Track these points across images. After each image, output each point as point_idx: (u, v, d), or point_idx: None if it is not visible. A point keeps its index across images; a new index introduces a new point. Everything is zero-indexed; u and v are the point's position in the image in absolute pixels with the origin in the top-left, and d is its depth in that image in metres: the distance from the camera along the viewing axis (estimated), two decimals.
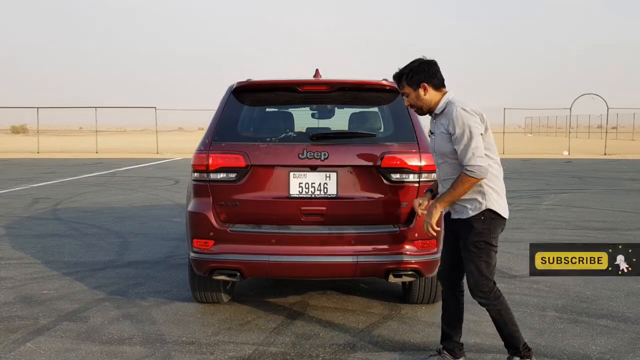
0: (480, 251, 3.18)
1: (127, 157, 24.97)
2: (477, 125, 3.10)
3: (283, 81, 4.40)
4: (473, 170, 3.08)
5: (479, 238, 3.17)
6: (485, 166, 3.09)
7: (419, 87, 3.24)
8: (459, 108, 3.11)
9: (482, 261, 3.18)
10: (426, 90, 3.24)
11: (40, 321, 4.26)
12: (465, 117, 3.09)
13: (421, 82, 3.23)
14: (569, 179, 15.18)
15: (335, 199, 3.97)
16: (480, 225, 3.17)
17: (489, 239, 3.18)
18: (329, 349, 3.76)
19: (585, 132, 50.64)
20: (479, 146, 3.08)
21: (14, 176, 15.95)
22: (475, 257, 3.19)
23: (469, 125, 3.08)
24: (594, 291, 5.00)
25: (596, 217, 9.01)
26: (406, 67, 3.28)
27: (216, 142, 4.06)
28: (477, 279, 3.19)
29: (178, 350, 3.73)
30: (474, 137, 3.08)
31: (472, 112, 3.11)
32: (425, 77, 3.22)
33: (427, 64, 3.25)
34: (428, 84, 3.23)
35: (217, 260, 3.97)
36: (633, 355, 3.66)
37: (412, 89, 3.26)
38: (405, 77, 3.26)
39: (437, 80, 3.24)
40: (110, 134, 54.19)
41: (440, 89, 3.26)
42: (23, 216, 9.08)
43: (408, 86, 3.27)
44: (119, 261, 6.13)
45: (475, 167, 3.07)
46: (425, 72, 3.23)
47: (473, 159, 3.07)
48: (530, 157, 24.90)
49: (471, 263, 3.22)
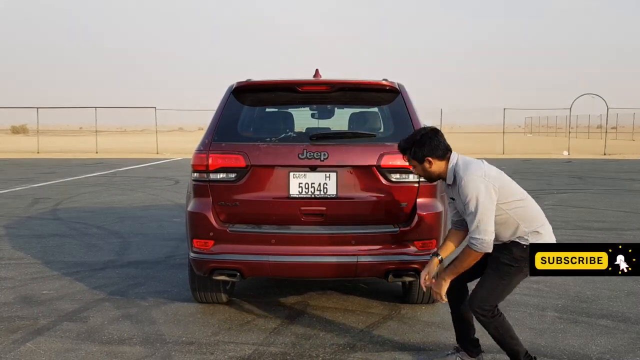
0: (506, 275, 3.17)
1: (127, 157, 24.97)
2: (484, 193, 3.07)
3: (283, 81, 4.40)
4: (475, 243, 3.09)
5: (513, 263, 3.16)
6: (488, 240, 3.08)
7: (424, 161, 3.25)
8: (465, 178, 3.10)
9: (502, 284, 3.17)
10: (431, 163, 3.25)
11: (40, 321, 4.26)
12: (472, 187, 3.07)
13: (425, 157, 3.23)
14: (569, 179, 15.19)
15: (335, 199, 3.97)
16: (519, 253, 3.16)
17: (522, 267, 3.15)
18: (329, 349, 3.76)
19: (585, 132, 50.62)
20: (483, 219, 3.06)
21: (14, 176, 15.95)
22: (498, 278, 3.18)
23: (476, 196, 3.06)
24: (594, 291, 5.00)
25: (596, 217, 9.01)
26: (409, 141, 3.28)
27: (216, 142, 4.06)
28: (485, 296, 3.17)
29: (178, 350, 3.74)
30: (479, 209, 3.06)
31: (478, 178, 3.08)
32: (428, 152, 3.22)
33: (428, 137, 3.24)
34: (432, 157, 3.23)
35: (217, 260, 3.97)
36: (633, 355, 3.66)
37: (418, 163, 3.29)
38: (409, 153, 3.29)
39: (441, 151, 3.24)
40: (110, 134, 54.18)
41: (446, 157, 3.26)
42: (23, 216, 9.08)
43: (413, 160, 3.29)
44: (119, 261, 6.13)
45: (478, 240, 3.08)
46: (427, 146, 3.22)
47: (477, 231, 3.08)
48: (530, 157, 24.89)
49: (489, 280, 3.20)
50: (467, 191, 3.08)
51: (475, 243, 3.09)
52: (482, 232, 3.06)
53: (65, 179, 15.16)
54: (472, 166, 3.15)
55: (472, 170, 3.11)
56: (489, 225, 3.07)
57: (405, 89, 4.38)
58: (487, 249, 3.11)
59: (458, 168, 3.19)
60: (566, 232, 7.70)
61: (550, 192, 12.20)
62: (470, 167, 3.14)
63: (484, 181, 3.08)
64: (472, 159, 3.24)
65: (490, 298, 3.17)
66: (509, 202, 3.15)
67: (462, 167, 3.17)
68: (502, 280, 3.17)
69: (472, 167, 3.14)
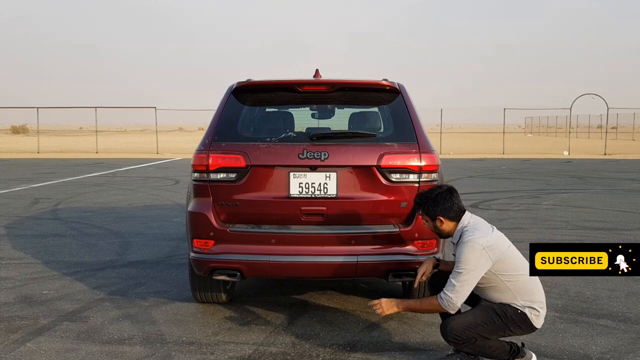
0: (490, 322, 3.18)
1: (127, 157, 24.97)
2: (476, 264, 3.13)
3: (283, 81, 4.40)
4: (444, 299, 3.17)
5: (502, 317, 3.19)
6: (457, 304, 3.18)
7: (436, 219, 3.35)
8: (465, 241, 3.18)
9: (486, 324, 3.18)
10: (442, 222, 3.34)
11: (40, 321, 4.26)
12: (467, 253, 3.15)
13: (437, 216, 3.33)
14: (569, 179, 15.18)
15: (335, 199, 3.97)
16: (512, 313, 3.20)
17: (509, 326, 3.20)
18: (329, 349, 3.77)
19: (585, 132, 50.62)
20: (463, 285, 3.14)
21: (14, 176, 15.95)
22: (484, 316, 3.20)
23: (467, 262, 3.14)
24: (594, 291, 5.00)
25: (596, 217, 9.01)
26: (424, 197, 3.39)
27: (216, 142, 4.06)
28: (464, 327, 3.18)
29: (178, 350, 3.74)
30: (464, 275, 3.13)
31: (477, 247, 3.14)
32: (442, 212, 3.32)
33: (443, 197, 3.32)
34: (444, 217, 3.32)
35: (217, 260, 3.97)
36: (633, 355, 3.66)
37: (430, 219, 3.39)
38: (422, 208, 3.40)
39: (454, 213, 3.32)
40: (111, 134, 54.19)
41: (458, 218, 3.34)
42: (23, 216, 9.09)
43: (426, 215, 3.39)
44: (119, 261, 6.13)
45: (449, 297, 3.16)
46: (441, 206, 3.31)
47: (452, 290, 3.16)
48: (530, 157, 24.87)
49: (474, 315, 3.22)
50: (461, 253, 3.17)
51: (444, 298, 3.18)
52: (455, 293, 3.16)
53: (65, 179, 15.16)
54: (478, 233, 3.21)
55: (475, 237, 3.18)
56: (465, 292, 3.17)
57: (405, 89, 4.38)
58: (452, 310, 3.21)
59: (465, 230, 3.27)
60: (566, 232, 7.70)
61: (551, 192, 12.19)
62: (475, 233, 3.21)
63: (482, 252, 3.15)
64: (481, 224, 3.30)
65: (467, 331, 3.19)
66: (508, 274, 3.20)
67: (469, 230, 3.26)
68: (489, 322, 3.20)
69: (476, 234, 3.20)
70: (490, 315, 3.20)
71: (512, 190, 12.63)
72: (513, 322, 3.20)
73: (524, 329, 3.23)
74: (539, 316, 3.25)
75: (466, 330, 3.16)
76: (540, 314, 3.25)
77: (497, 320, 3.19)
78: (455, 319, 3.23)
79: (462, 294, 3.15)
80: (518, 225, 8.15)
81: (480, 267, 3.13)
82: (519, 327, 3.22)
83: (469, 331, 3.16)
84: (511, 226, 8.03)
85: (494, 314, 3.20)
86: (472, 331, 3.16)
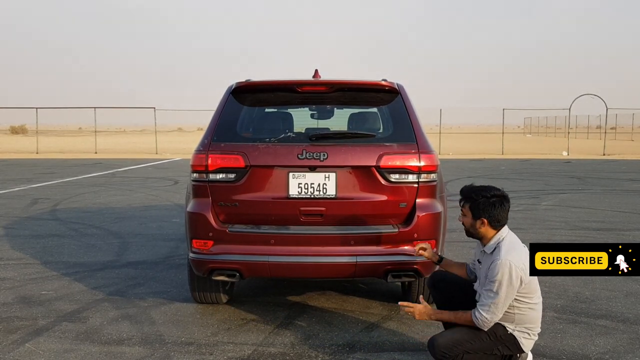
0: (478, 340, 3.14)
1: (126, 157, 24.95)
2: (512, 283, 3.06)
3: (282, 81, 4.40)
4: (479, 318, 3.11)
5: (491, 336, 3.15)
6: (491, 323, 3.11)
7: (478, 219, 3.25)
8: (503, 260, 3.07)
9: (474, 341, 3.14)
10: (483, 225, 3.25)
11: (39, 322, 4.26)
12: (505, 272, 3.05)
13: (483, 218, 3.23)
14: (568, 179, 15.19)
15: (334, 199, 3.97)
16: (501, 332, 3.16)
17: (497, 346, 3.16)
18: (328, 349, 3.76)
19: (585, 132, 50.65)
20: (499, 304, 3.07)
21: (13, 176, 15.94)
22: (472, 333, 3.15)
23: (504, 282, 3.05)
24: (593, 291, 5.00)
25: (595, 217, 9.01)
26: (478, 192, 3.26)
27: (215, 143, 4.05)
28: (452, 345, 3.13)
29: (177, 350, 3.73)
30: (500, 294, 3.06)
31: (515, 267, 3.06)
32: (488, 215, 3.22)
33: (499, 203, 3.22)
34: (488, 220, 3.23)
35: (217, 260, 3.97)
36: (632, 355, 3.66)
37: (472, 216, 3.27)
38: (469, 202, 3.28)
39: (498, 223, 3.23)
40: (110, 134, 54.14)
41: (499, 227, 3.25)
42: (22, 216, 9.08)
43: (469, 211, 3.28)
44: (118, 261, 6.13)
45: (484, 317, 3.10)
46: (489, 211, 3.21)
47: (487, 310, 3.09)
48: (529, 157, 24.87)
49: (461, 332, 3.17)
50: (498, 272, 3.06)
51: (479, 317, 3.12)
52: (490, 314, 3.10)
53: (64, 179, 15.15)
54: (516, 253, 3.13)
55: (513, 257, 3.09)
56: (500, 312, 3.10)
57: (404, 89, 4.38)
58: (485, 328, 3.14)
59: (502, 245, 3.18)
60: (565, 232, 7.70)
61: (550, 193, 12.20)
62: (513, 253, 3.12)
63: (517, 272, 3.06)
64: (519, 244, 3.22)
65: (456, 348, 3.14)
66: (524, 301, 3.14)
67: (507, 246, 3.16)
68: (472, 342, 3.15)
69: (515, 254, 3.12)
70: (479, 333, 3.16)
71: (512, 190, 12.62)
72: (501, 342, 3.16)
73: (512, 350, 3.19)
74: (529, 340, 3.21)
75: (453, 347, 3.12)
76: (531, 339, 3.22)
77: (485, 339, 3.15)
78: (443, 336, 3.19)
79: (497, 314, 3.10)
80: (517, 225, 8.14)
81: (515, 288, 3.08)
82: (507, 348, 3.17)
83: (457, 348, 3.12)
84: (511, 226, 7.95)
85: (482, 332, 3.16)
86: (459, 348, 3.12)
